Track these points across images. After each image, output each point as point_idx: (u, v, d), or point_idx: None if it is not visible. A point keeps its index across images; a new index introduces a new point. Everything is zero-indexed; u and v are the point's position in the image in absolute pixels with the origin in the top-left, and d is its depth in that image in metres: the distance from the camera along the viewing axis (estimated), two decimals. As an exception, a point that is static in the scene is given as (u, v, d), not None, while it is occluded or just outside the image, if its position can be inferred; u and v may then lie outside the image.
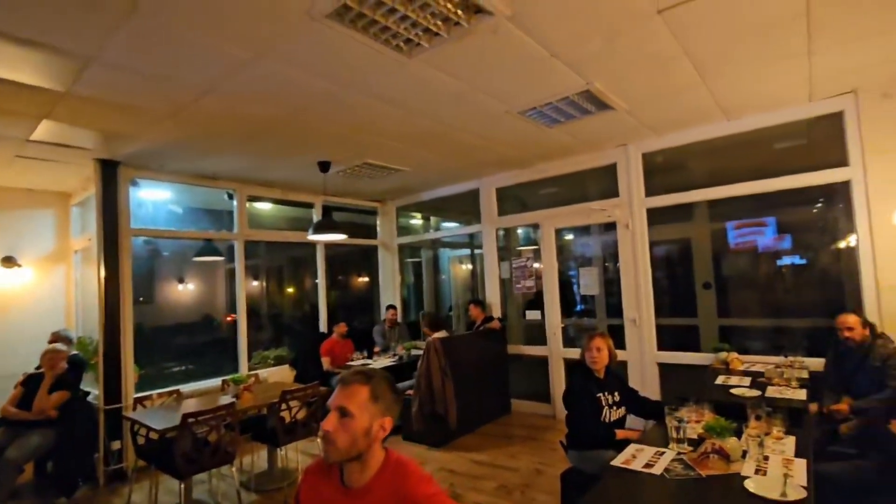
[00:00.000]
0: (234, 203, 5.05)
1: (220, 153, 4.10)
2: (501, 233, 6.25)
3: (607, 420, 2.65)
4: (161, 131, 3.48)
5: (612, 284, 5.15)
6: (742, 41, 2.67)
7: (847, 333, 3.16)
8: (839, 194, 3.79)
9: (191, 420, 2.94)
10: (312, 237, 4.25)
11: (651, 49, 2.65)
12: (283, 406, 3.53)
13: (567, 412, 2.72)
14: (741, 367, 3.84)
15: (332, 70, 2.65)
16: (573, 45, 2.56)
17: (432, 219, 7.81)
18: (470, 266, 8.67)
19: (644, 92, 3.32)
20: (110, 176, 4.05)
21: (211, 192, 5.06)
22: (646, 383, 4.53)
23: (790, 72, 3.16)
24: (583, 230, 7.86)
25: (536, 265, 5.42)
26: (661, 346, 4.67)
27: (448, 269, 8.92)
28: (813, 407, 3.20)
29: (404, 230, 7.17)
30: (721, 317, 6.30)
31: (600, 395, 2.67)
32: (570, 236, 8.04)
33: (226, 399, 3.51)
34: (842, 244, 3.97)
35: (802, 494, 1.64)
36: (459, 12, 2.15)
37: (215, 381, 4.45)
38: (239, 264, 5.03)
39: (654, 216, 4.72)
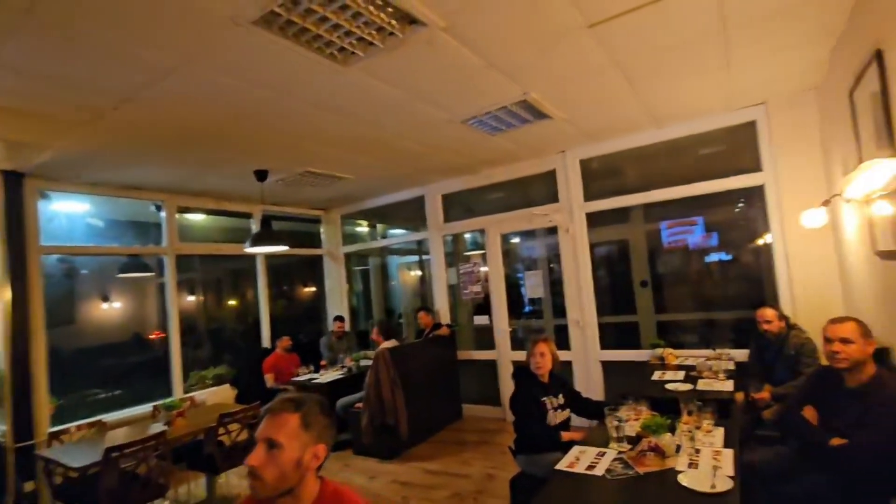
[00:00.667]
0: (163, 215, 4.73)
1: (146, 163, 3.82)
2: (449, 238, 6.27)
3: (552, 423, 2.70)
4: (75, 140, 3.19)
5: (557, 285, 5.29)
6: (667, 56, 2.83)
7: (765, 326, 3.42)
8: (756, 195, 4.10)
9: (115, 454, 2.70)
10: (250, 250, 4.05)
11: (583, 61, 2.75)
12: (222, 430, 3.33)
13: (514, 417, 2.75)
14: (675, 362, 4.06)
15: (265, 77, 2.54)
16: (509, 56, 2.61)
17: (379, 226, 7.71)
18: (419, 272, 8.64)
19: (579, 101, 3.45)
20: (14, 189, 3.67)
21: (136, 203, 4.70)
22: (591, 382, 4.69)
23: (710, 84, 3.39)
24: (528, 234, 8.04)
25: (483, 269, 5.48)
26: (604, 344, 4.86)
27: (397, 276, 8.84)
28: (739, 396, 3.43)
29: (350, 238, 7.03)
30: (658, 313, 6.65)
31: (545, 399, 2.72)
32: (516, 240, 8.21)
33: (157, 427, 3.27)
34: (760, 241, 4.30)
35: (729, 485, 1.74)
36: (393, 23, 2.12)
37: (146, 408, 4.13)
38: (170, 280, 4.71)
39: (594, 219, 4.91)
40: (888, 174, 1.58)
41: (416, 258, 8.87)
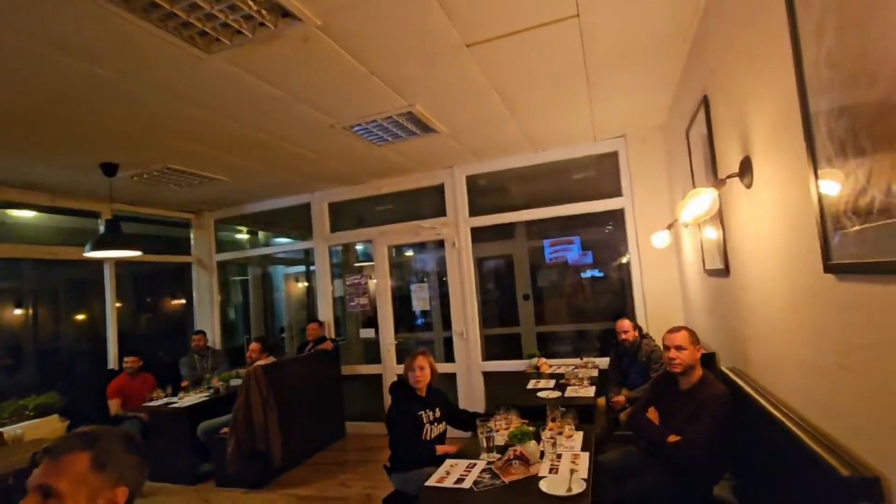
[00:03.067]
0: (-28, 210, 3.85)
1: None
2: (339, 248, 6.03)
3: (428, 437, 2.66)
4: None
5: (446, 298, 5.35)
6: (539, 85, 3.03)
7: (623, 336, 3.78)
8: (619, 218, 4.56)
9: None
10: (91, 254, 3.44)
11: (465, 79, 2.82)
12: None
13: (389, 435, 2.66)
14: (549, 370, 4.30)
15: (102, 54, 2.16)
16: (391, 66, 2.58)
17: (261, 234, 7.16)
18: (305, 284, 8.20)
19: (463, 119, 3.54)
20: None
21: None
22: (473, 392, 4.78)
23: (577, 116, 3.71)
24: (420, 247, 8.09)
25: (372, 281, 5.35)
26: (488, 355, 5.00)
27: (282, 287, 8.29)
28: (601, 401, 3.74)
29: (229, 245, 6.42)
30: (538, 324, 7.09)
31: (422, 412, 2.68)
32: (409, 252, 8.21)
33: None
34: (624, 259, 4.78)
35: (583, 487, 1.84)
36: (264, 13, 1.96)
37: (-70, 452, 3.26)
38: (-21, 290, 3.83)
39: (481, 234, 5.07)
40: (708, 201, 1.83)
41: (302, 268, 8.40)
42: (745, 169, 1.85)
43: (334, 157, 4.14)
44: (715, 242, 2.57)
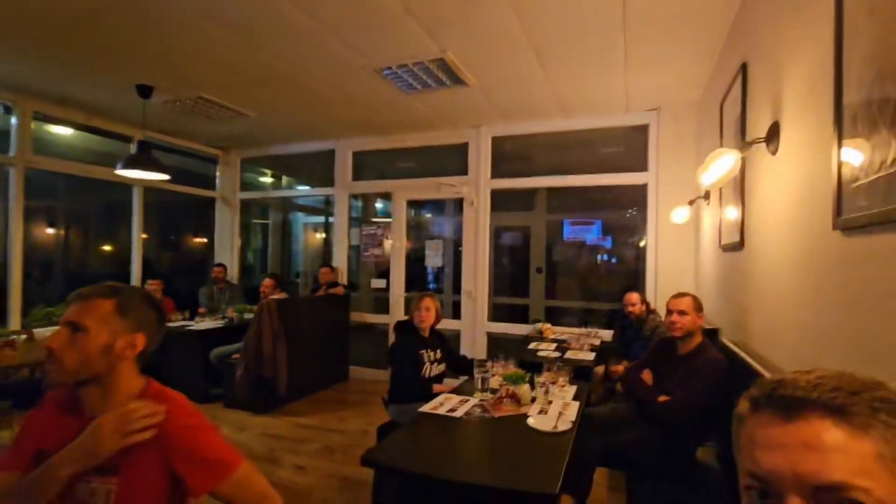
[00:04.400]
0: (13, 120, 3.99)
1: (-10, 49, 3.18)
2: (360, 204, 6.10)
3: (427, 375, 2.77)
4: None
5: (459, 266, 5.38)
6: (575, 42, 2.96)
7: (630, 308, 3.80)
8: (642, 198, 4.48)
9: None
10: (122, 172, 3.57)
11: (501, 28, 2.78)
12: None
13: (391, 368, 2.78)
14: (552, 336, 4.36)
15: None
16: (427, 4, 2.55)
17: (284, 179, 7.27)
18: (323, 235, 8.35)
19: (494, 73, 3.50)
20: None
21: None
22: (475, 350, 4.89)
23: (612, 82, 3.63)
24: (438, 210, 8.12)
25: (389, 242, 5.42)
26: (495, 318, 5.08)
27: (300, 236, 8.46)
28: (600, 370, 3.80)
29: (251, 188, 6.54)
30: (548, 298, 7.15)
31: (423, 351, 2.78)
32: (428, 214, 8.26)
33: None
34: (642, 243, 4.74)
35: (568, 426, 1.92)
36: (306, -70, 1.96)
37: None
38: (15, 198, 4.00)
39: (501, 202, 5.07)
40: (730, 162, 1.81)
41: (322, 219, 8.54)
42: (773, 134, 1.82)
43: (361, 102, 4.15)
44: (734, 221, 2.55)
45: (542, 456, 1.70)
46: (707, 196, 3.39)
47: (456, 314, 5.19)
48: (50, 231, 6.73)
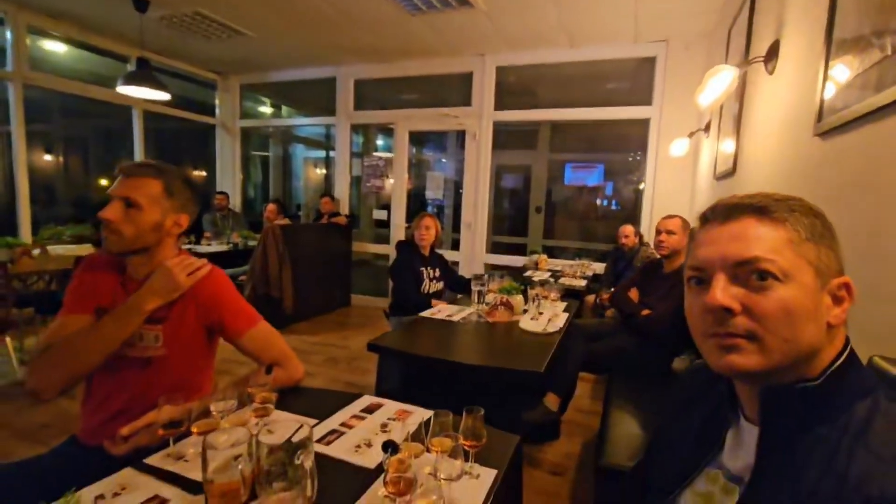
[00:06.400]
0: (8, 33, 3.89)
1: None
2: (360, 139, 6.06)
3: (426, 291, 2.94)
4: None
5: (459, 208, 5.41)
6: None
7: (623, 240, 3.94)
8: (644, 136, 4.47)
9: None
10: (122, 89, 3.55)
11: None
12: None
13: (392, 282, 2.94)
14: (547, 267, 4.53)
15: None
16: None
17: (284, 109, 7.16)
18: (324, 171, 8.33)
19: (502, -7, 3.40)
20: None
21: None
22: (472, 280, 5.08)
23: (622, 6, 3.53)
24: (440, 147, 8.06)
25: (390, 181, 5.43)
26: (493, 251, 5.23)
27: (301, 171, 8.44)
28: (590, 298, 3.99)
29: (251, 117, 6.46)
30: (546, 238, 7.29)
31: (423, 269, 2.93)
32: (429, 154, 8.21)
33: (-4, 264, 2.93)
34: (641, 186, 4.78)
35: (557, 328, 2.09)
36: None
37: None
38: (16, 115, 3.99)
39: (503, 139, 5.05)
40: (728, 79, 1.86)
41: (322, 154, 8.48)
42: (772, 53, 1.85)
43: (364, 23, 4.04)
44: (729, 153, 2.61)
45: (532, 349, 1.88)
46: (707, 128, 3.42)
47: (455, 249, 5.34)
48: (48, 158, 6.71)
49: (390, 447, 0.80)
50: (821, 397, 0.55)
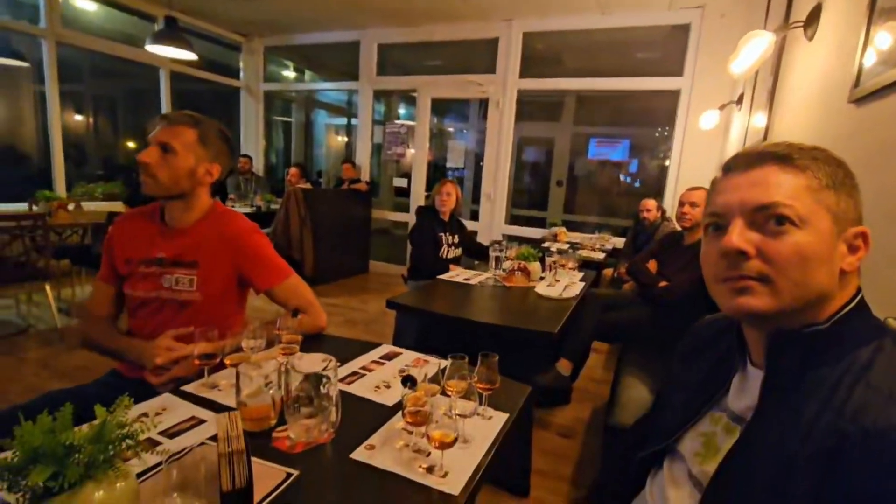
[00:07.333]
0: (39, -11, 3.95)
1: None
2: (382, 108, 6.01)
3: (445, 256, 2.98)
4: None
5: (479, 180, 5.39)
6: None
7: (645, 214, 3.89)
8: (673, 115, 4.33)
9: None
10: (152, 48, 3.58)
11: None
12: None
13: (411, 247, 2.99)
14: (566, 239, 4.51)
15: None
16: None
17: (307, 74, 7.13)
18: (345, 139, 8.33)
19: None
20: None
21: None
22: (489, 251, 5.11)
23: (658, -33, 3.39)
24: (462, 117, 7.95)
25: (411, 150, 5.41)
26: (512, 222, 5.23)
27: (323, 138, 8.47)
28: (608, 272, 3.99)
29: (274, 81, 6.47)
30: (566, 212, 7.23)
31: (442, 234, 2.96)
32: (451, 127, 8.12)
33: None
34: (667, 163, 4.66)
35: (572, 294, 2.12)
36: None
37: (21, 205, 3.80)
38: (50, 71, 4.09)
39: (527, 110, 4.96)
40: (762, 45, 1.79)
41: (343, 121, 8.47)
42: (813, 18, 1.78)
43: (390, -15, 3.97)
44: (761, 127, 2.53)
45: (547, 312, 1.92)
46: (740, 100, 3.31)
47: (472, 218, 5.34)
48: (78, 118, 6.86)
49: (409, 381, 0.85)
50: (827, 341, 0.57)
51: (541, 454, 2.09)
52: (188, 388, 1.02)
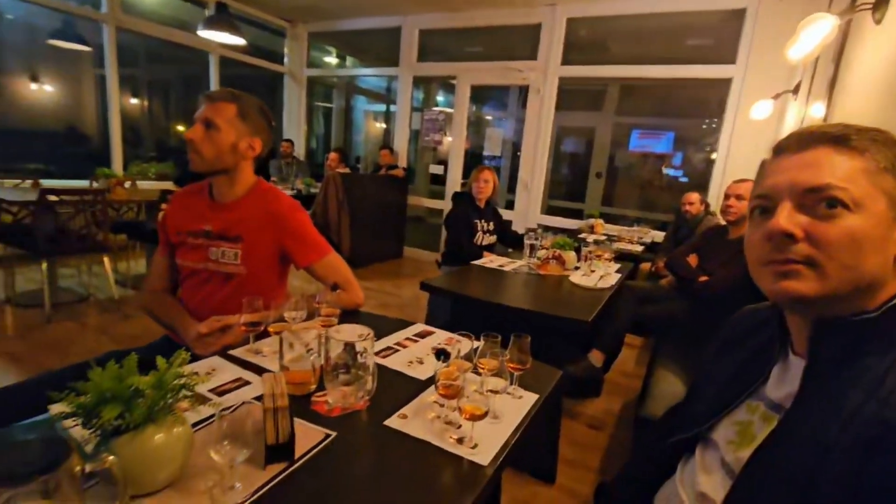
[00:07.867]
0: (102, -23, 4.16)
1: None
2: (421, 95, 6.02)
3: (480, 243, 2.99)
4: None
5: (516, 170, 5.32)
6: None
7: (688, 207, 3.76)
8: (723, 105, 4.13)
9: (51, 197, 2.73)
10: (204, 33, 3.73)
11: None
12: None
13: (446, 232, 3.01)
14: (602, 231, 4.42)
15: None
16: None
17: (349, 59, 7.23)
18: (384, 125, 8.42)
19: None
20: None
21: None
22: (524, 240, 5.08)
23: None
24: (501, 107, 7.86)
25: (448, 138, 5.41)
26: (548, 212, 5.17)
27: (362, 125, 8.58)
28: (646, 266, 3.89)
29: (317, 67, 6.59)
30: (604, 205, 7.07)
31: (477, 221, 2.97)
32: (489, 111, 8.05)
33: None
34: (713, 156, 4.47)
35: (608, 285, 2.09)
36: None
37: (83, 182, 4.06)
38: (109, 55, 4.32)
39: (567, 100, 4.85)
40: (825, 29, 1.68)
41: (383, 107, 8.55)
42: (882, 0, 1.66)
43: (434, -31, 3.95)
44: (819, 118, 2.39)
45: (581, 301, 1.90)
46: (796, 89, 3.13)
47: (508, 207, 5.31)
48: (134, 101, 7.22)
49: (443, 355, 0.88)
50: (876, 330, 0.55)
51: (569, 444, 2.09)
52: (235, 352, 1.09)
